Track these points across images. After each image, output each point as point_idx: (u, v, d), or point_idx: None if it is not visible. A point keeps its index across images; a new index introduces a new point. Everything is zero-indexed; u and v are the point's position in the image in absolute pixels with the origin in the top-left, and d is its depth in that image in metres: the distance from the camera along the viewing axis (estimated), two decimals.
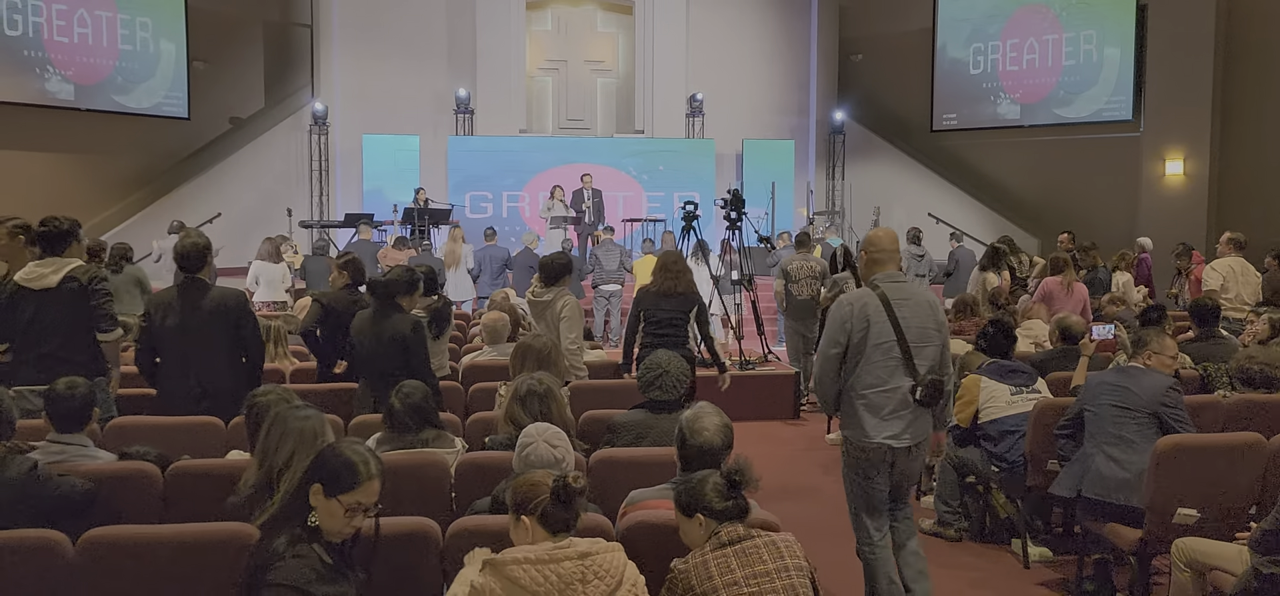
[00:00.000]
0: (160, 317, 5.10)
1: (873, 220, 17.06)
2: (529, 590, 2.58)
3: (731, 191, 10.65)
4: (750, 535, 2.90)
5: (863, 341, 4.12)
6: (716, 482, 2.97)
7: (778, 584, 2.82)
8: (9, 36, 13.71)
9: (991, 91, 17.69)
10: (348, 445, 2.76)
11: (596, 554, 2.67)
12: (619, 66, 18.55)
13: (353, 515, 2.67)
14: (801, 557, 2.94)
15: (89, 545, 3.07)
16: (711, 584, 2.79)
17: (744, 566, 2.82)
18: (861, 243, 4.49)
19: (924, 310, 4.20)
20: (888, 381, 4.11)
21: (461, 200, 16.19)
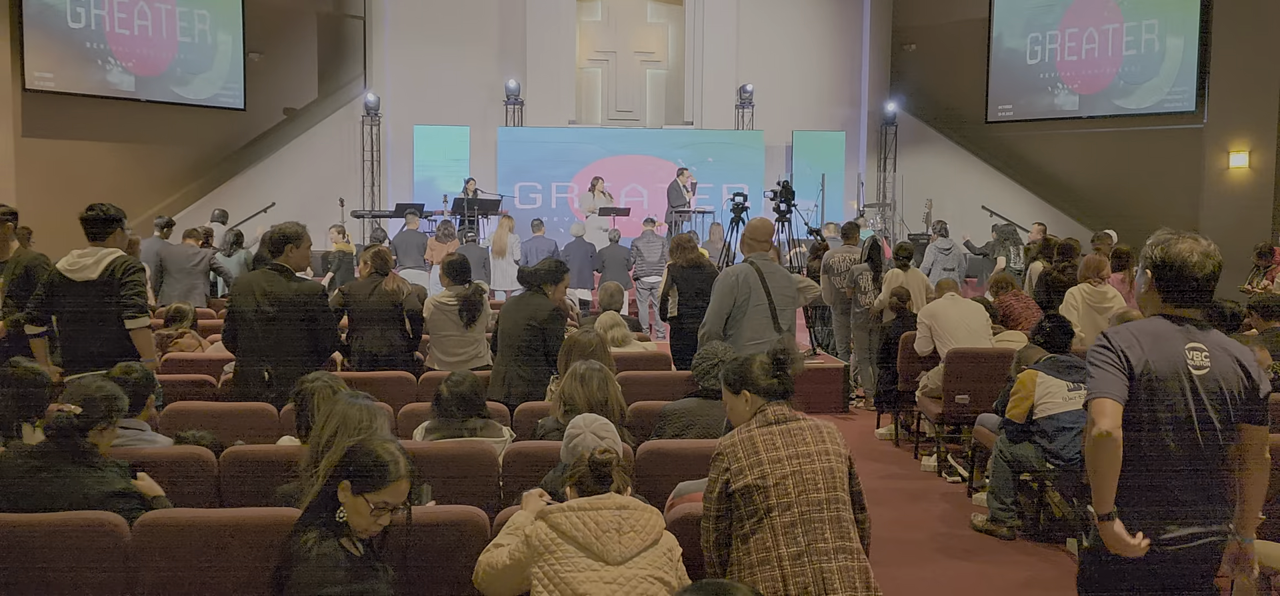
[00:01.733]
0: (242, 301, 5.18)
1: (925, 213, 16.82)
2: (570, 535, 2.82)
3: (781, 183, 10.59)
4: (795, 417, 3.10)
5: (745, 302, 5.53)
6: (763, 361, 3.20)
7: (817, 465, 3.01)
8: (72, 29, 14.04)
9: (1049, 82, 17.34)
10: (380, 442, 2.78)
11: (634, 509, 2.87)
12: (668, 57, 18.49)
13: (379, 514, 2.70)
14: (841, 444, 3.10)
15: (146, 527, 3.13)
16: (756, 457, 3.00)
17: (788, 445, 3.02)
18: (743, 230, 5.93)
19: (786, 282, 5.73)
20: (762, 334, 5.46)
21: (511, 191, 16.28)
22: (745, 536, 2.99)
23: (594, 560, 2.80)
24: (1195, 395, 2.85)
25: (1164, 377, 2.85)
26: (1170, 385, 2.85)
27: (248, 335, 5.16)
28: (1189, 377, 2.85)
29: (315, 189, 16.23)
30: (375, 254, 6.63)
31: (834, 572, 2.92)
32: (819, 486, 2.99)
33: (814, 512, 2.96)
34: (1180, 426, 2.85)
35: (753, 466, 2.99)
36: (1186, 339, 2.89)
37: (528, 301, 5.80)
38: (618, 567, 2.79)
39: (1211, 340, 2.94)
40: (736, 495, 3.00)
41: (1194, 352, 2.88)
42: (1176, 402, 2.84)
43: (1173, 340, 2.89)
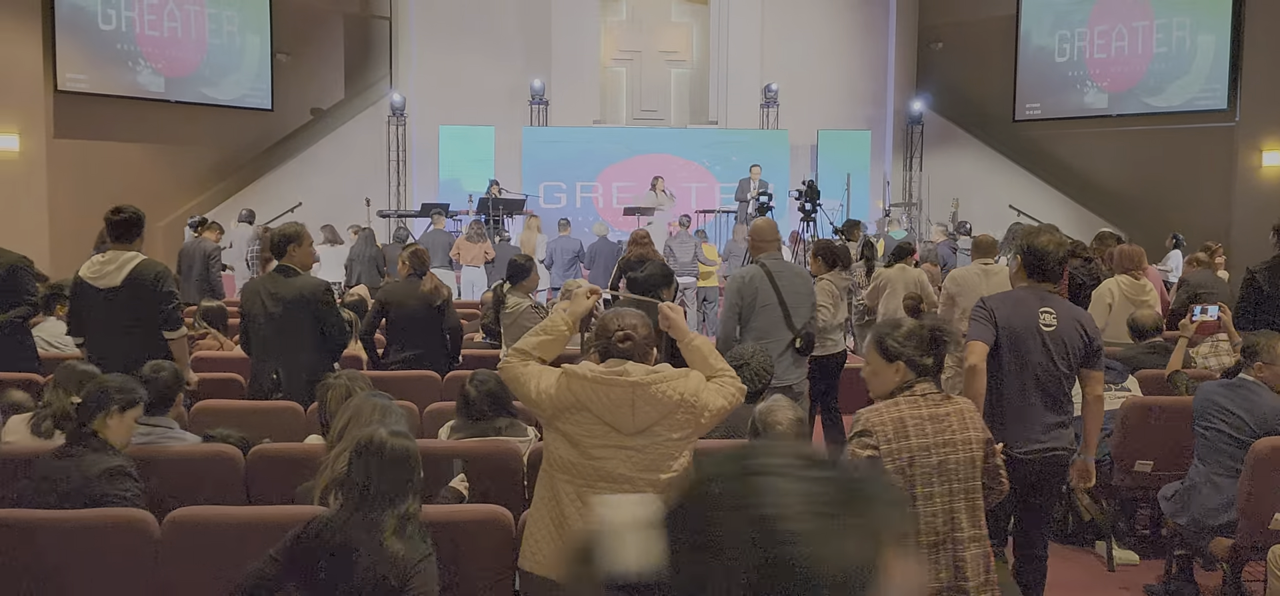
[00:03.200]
0: (249, 303, 5.22)
1: (951, 212, 16.70)
2: (585, 405, 2.91)
3: (806, 183, 10.55)
4: (945, 399, 3.05)
5: (753, 303, 5.40)
6: (922, 336, 3.06)
7: (961, 454, 3.00)
8: (103, 31, 14.21)
9: (1078, 80, 17.17)
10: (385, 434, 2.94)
11: (649, 385, 2.90)
12: (693, 57, 18.46)
13: None
14: (981, 429, 3.08)
15: (175, 524, 3.16)
16: (905, 441, 2.95)
17: (936, 432, 2.98)
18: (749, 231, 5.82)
19: (798, 280, 5.55)
20: (773, 333, 5.35)
21: (535, 190, 16.30)
22: None
23: (609, 428, 2.90)
24: (1044, 346, 3.85)
25: (1021, 332, 3.86)
26: (1026, 338, 3.86)
27: (257, 336, 5.21)
28: (1039, 333, 3.86)
29: (341, 189, 16.34)
30: (413, 253, 6.57)
31: (967, 561, 2.96)
32: (960, 475, 2.99)
33: (955, 502, 2.98)
34: (1033, 368, 3.84)
35: (900, 451, 2.94)
36: (1040, 304, 3.91)
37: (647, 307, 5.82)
38: (633, 436, 2.89)
39: (1060, 306, 3.95)
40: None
41: (1045, 314, 3.88)
42: (1031, 350, 3.85)
43: (1030, 304, 3.91)
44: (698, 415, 2.96)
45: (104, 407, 3.55)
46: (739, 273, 5.70)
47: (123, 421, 3.60)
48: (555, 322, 3.10)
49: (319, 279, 5.54)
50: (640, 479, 2.88)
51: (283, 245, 5.27)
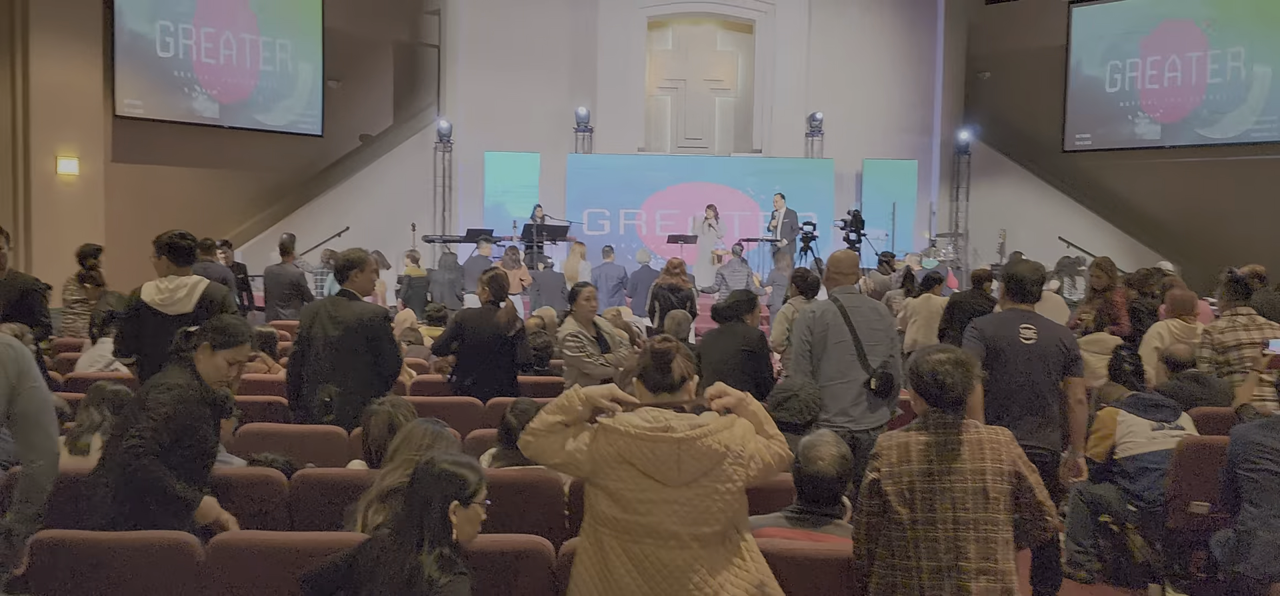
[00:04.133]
0: (309, 325, 5.28)
1: (999, 244, 16.49)
2: (629, 460, 2.82)
3: (852, 212, 10.47)
4: (957, 428, 3.09)
5: (824, 340, 5.12)
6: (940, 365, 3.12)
7: (969, 483, 3.02)
8: (161, 58, 14.56)
9: (1129, 110, 16.91)
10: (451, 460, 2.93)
11: (696, 439, 2.81)
12: (738, 85, 18.48)
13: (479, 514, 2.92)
14: (1006, 461, 3.06)
15: (219, 548, 3.18)
16: (907, 465, 3.06)
17: (941, 458, 3.04)
18: (825, 262, 5.71)
19: (875, 316, 5.22)
20: (846, 373, 5.08)
21: (579, 217, 16.37)
22: (890, 538, 3.08)
23: (654, 482, 2.82)
24: (1027, 358, 4.54)
25: (1005, 347, 4.57)
26: (1010, 352, 4.55)
27: (314, 358, 5.24)
28: (1022, 347, 4.55)
29: (388, 214, 16.53)
30: (491, 279, 6.48)
31: (972, 592, 2.96)
32: (968, 505, 3.01)
33: (961, 530, 3.00)
34: (1019, 377, 4.54)
35: (902, 474, 3.06)
36: (1021, 321, 4.64)
37: (734, 331, 5.96)
38: (680, 488, 2.81)
39: (1041, 323, 4.67)
40: (887, 494, 3.08)
41: (1025, 330, 4.59)
42: (1014, 361, 4.54)
43: (1012, 323, 4.64)
44: (746, 465, 2.86)
45: None
46: (810, 307, 5.52)
47: None
48: (571, 403, 2.94)
49: (378, 306, 5.60)
50: (687, 533, 2.81)
51: (346, 270, 5.35)
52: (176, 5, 14.68)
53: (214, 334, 3.58)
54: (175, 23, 14.66)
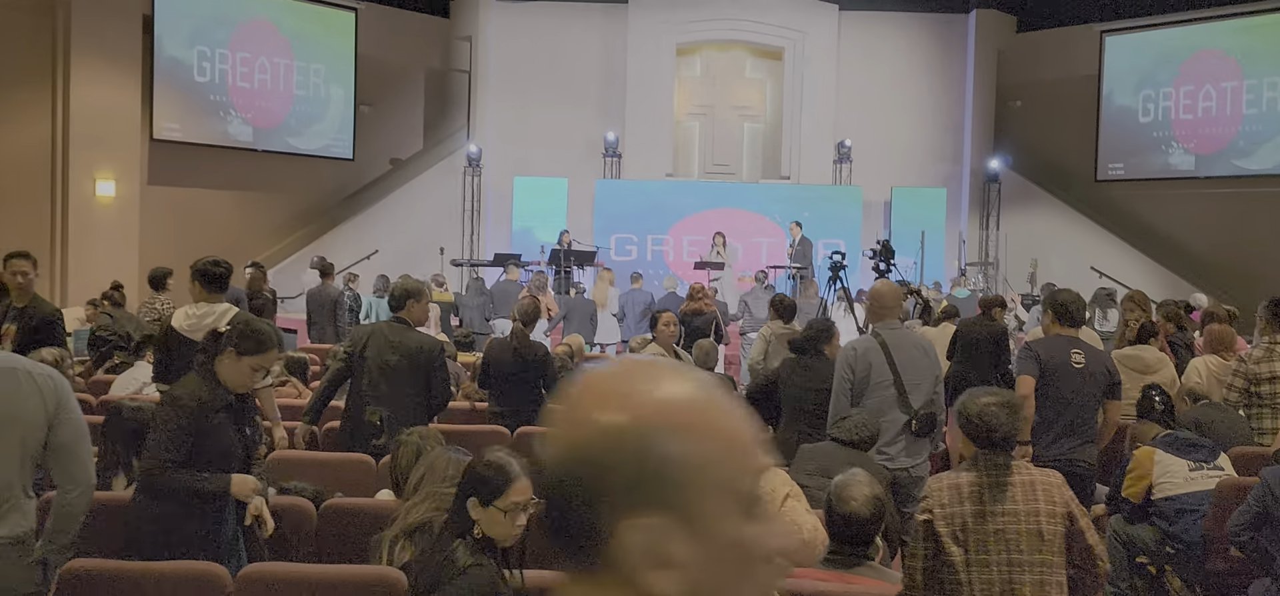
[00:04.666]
0: (360, 351, 5.30)
1: (1030, 273, 16.34)
2: None
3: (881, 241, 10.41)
4: (1010, 470, 3.11)
5: (866, 379, 5.00)
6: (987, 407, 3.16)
7: (1023, 525, 3.03)
8: (198, 83, 14.78)
9: (1163, 141, 16.74)
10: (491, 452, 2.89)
11: None
12: (766, 112, 18.48)
13: (515, 516, 2.80)
14: (1059, 503, 3.09)
15: (247, 580, 3.18)
16: (959, 507, 3.09)
17: (994, 499, 3.07)
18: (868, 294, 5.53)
19: (918, 353, 5.11)
20: (887, 412, 4.96)
21: (607, 242, 16.39)
22: (943, 579, 3.13)
23: None
24: (1077, 380, 4.94)
25: (1057, 369, 4.96)
26: (1062, 372, 4.95)
27: (367, 382, 5.26)
28: (1072, 368, 4.95)
29: (417, 237, 16.63)
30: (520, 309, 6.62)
31: None
32: (1021, 547, 3.03)
33: (1015, 572, 3.03)
34: (1067, 395, 4.94)
35: (954, 515, 3.09)
36: (1071, 346, 5.05)
37: (813, 368, 5.79)
38: None
39: (1088, 348, 5.15)
40: (939, 535, 3.11)
41: (1075, 354, 5.01)
42: (1064, 382, 4.94)
43: (1064, 347, 5.06)
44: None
45: None
46: (851, 343, 5.35)
47: None
48: None
49: (436, 338, 5.65)
50: None
51: (403, 299, 5.44)
52: (214, 31, 14.91)
53: (240, 339, 3.58)
54: (212, 48, 14.90)
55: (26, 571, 2.88)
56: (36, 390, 2.89)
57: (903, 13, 18.07)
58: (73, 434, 2.98)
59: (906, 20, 18.09)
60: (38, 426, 2.89)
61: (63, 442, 2.95)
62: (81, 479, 2.99)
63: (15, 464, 2.84)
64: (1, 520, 2.81)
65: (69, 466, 2.97)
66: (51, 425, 2.92)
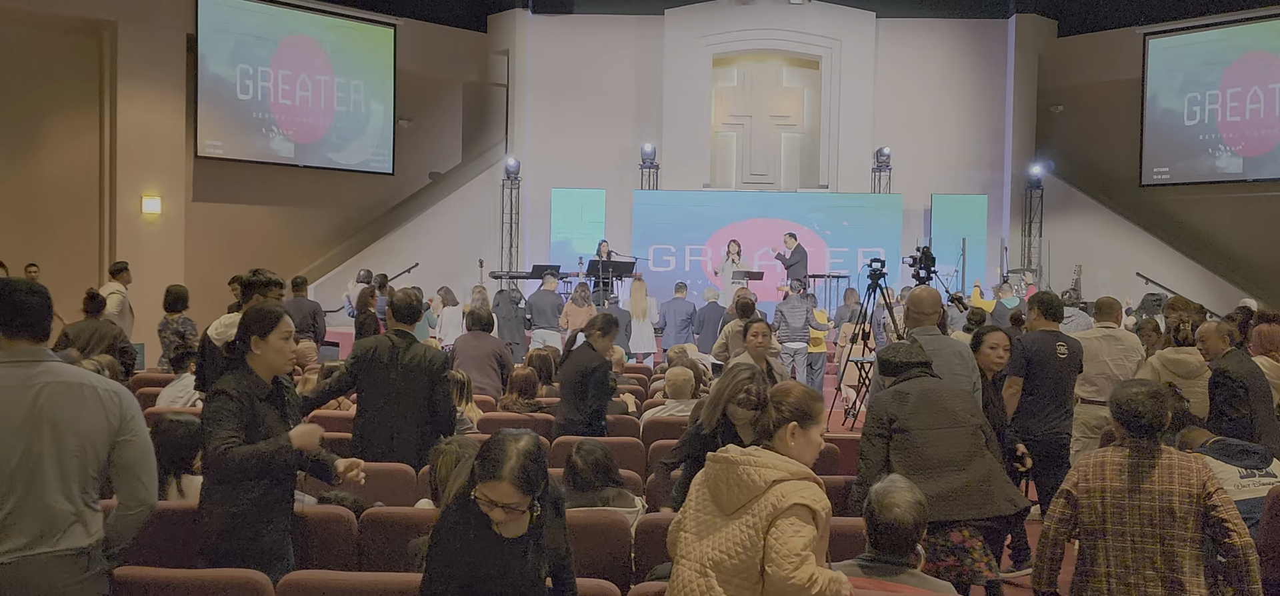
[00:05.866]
0: (367, 363, 5.34)
1: (1074, 280, 16.10)
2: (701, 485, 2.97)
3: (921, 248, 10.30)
4: (1152, 452, 3.46)
5: None
6: (1139, 396, 3.48)
7: (1157, 503, 3.39)
8: (241, 100, 15.02)
9: (1209, 144, 16.44)
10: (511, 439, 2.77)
11: (743, 465, 2.84)
12: (804, 121, 18.41)
13: (489, 506, 2.72)
14: (1196, 484, 3.39)
15: (289, 587, 3.21)
16: (1101, 482, 3.49)
17: (1134, 478, 3.43)
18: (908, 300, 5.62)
19: (954, 359, 5.15)
20: None
21: (645, 253, 16.40)
22: (1081, 547, 3.56)
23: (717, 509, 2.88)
24: (1058, 369, 5.85)
25: (1045, 360, 5.86)
26: (1047, 362, 5.85)
27: (375, 396, 5.29)
28: (1056, 358, 5.86)
29: (457, 250, 16.75)
30: (606, 318, 6.52)
31: None
32: (1154, 521, 3.40)
33: (1146, 544, 3.40)
34: (1052, 382, 5.85)
35: (1093, 490, 3.49)
36: (1055, 339, 5.92)
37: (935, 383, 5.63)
38: (727, 518, 2.83)
39: (1070, 340, 6.01)
40: (1080, 505, 3.52)
41: (1059, 346, 5.88)
42: (1050, 370, 5.85)
43: (1049, 341, 5.92)
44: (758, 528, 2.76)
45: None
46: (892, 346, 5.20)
47: None
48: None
49: (439, 350, 5.64)
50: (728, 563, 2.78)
51: (412, 314, 5.46)
52: (256, 49, 15.16)
53: (255, 324, 3.63)
54: (254, 66, 15.14)
55: (92, 583, 2.90)
56: (100, 405, 2.92)
57: (940, 19, 17.93)
58: (137, 454, 2.99)
59: (944, 27, 17.95)
60: (101, 442, 2.92)
61: (127, 462, 2.96)
62: (144, 498, 3.00)
63: (78, 478, 2.87)
64: (66, 533, 2.84)
65: (131, 485, 2.98)
66: (115, 443, 2.95)
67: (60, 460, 2.84)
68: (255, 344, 3.60)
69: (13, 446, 2.80)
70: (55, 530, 2.83)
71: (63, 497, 2.84)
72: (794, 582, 2.68)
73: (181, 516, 3.70)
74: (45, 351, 2.95)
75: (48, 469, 2.82)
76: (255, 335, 3.60)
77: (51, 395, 2.86)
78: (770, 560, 2.72)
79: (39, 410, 2.83)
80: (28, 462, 2.80)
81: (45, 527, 2.81)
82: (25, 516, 2.79)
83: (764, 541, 2.75)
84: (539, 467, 2.77)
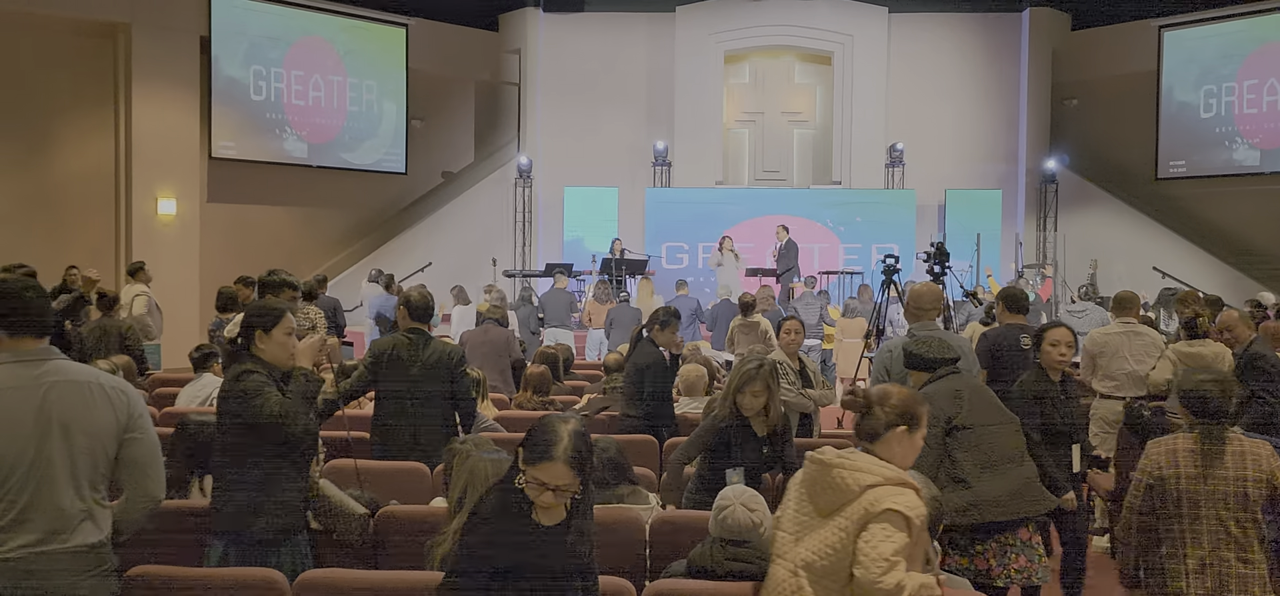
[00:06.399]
0: (385, 363, 5.34)
1: (1090, 275, 16.01)
2: (797, 483, 3.02)
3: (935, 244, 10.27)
4: (1224, 439, 3.58)
5: (903, 380, 4.78)
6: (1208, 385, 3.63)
7: (1231, 488, 3.53)
8: (254, 101, 15.09)
9: (1226, 136, 16.31)
10: (561, 421, 2.70)
11: (837, 468, 2.85)
12: (816, 117, 18.36)
13: (538, 491, 2.61)
14: (1266, 470, 3.53)
15: (305, 586, 3.21)
16: (1175, 469, 3.61)
17: (1207, 463, 3.57)
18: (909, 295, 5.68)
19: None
20: None
21: (658, 251, 16.40)
22: (1158, 531, 3.68)
23: (814, 510, 2.92)
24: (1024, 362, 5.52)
25: (1008, 351, 5.85)
26: (1012, 354, 5.80)
27: (395, 394, 5.30)
28: (1020, 350, 5.74)
29: (470, 249, 16.79)
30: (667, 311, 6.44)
31: (1232, 578, 3.53)
32: (1229, 504, 3.54)
33: (1221, 527, 3.55)
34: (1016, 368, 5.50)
35: (1170, 476, 3.62)
36: (1020, 332, 5.88)
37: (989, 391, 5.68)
38: (823, 519, 2.86)
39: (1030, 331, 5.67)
40: (1155, 491, 3.66)
41: (1022, 338, 5.80)
42: (1015, 362, 5.68)
43: (1014, 333, 5.91)
44: (861, 523, 2.77)
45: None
46: (887, 344, 5.43)
47: None
48: None
49: (457, 346, 5.64)
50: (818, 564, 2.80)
51: (427, 314, 5.49)
52: (268, 50, 15.22)
53: (258, 319, 3.65)
54: (267, 67, 15.20)
55: (102, 579, 2.91)
56: (108, 402, 2.93)
57: (953, 13, 17.86)
58: (144, 451, 3.01)
59: (957, 21, 17.87)
60: (110, 440, 2.93)
61: (134, 458, 2.98)
62: (152, 493, 3.02)
63: (88, 476, 2.89)
64: (76, 530, 2.85)
65: (140, 481, 3.00)
66: (123, 440, 2.96)
67: (71, 459, 2.86)
68: (259, 338, 3.62)
69: (24, 447, 2.81)
70: (66, 527, 2.84)
71: (73, 496, 2.86)
72: (881, 587, 2.67)
73: (198, 515, 3.72)
74: (50, 349, 2.95)
75: (59, 469, 2.84)
76: (259, 330, 3.62)
77: (60, 394, 2.87)
78: (859, 564, 2.72)
79: (48, 410, 2.85)
80: (40, 463, 2.81)
81: (56, 525, 2.83)
82: (36, 514, 2.81)
83: (854, 545, 2.76)
84: (589, 448, 2.71)
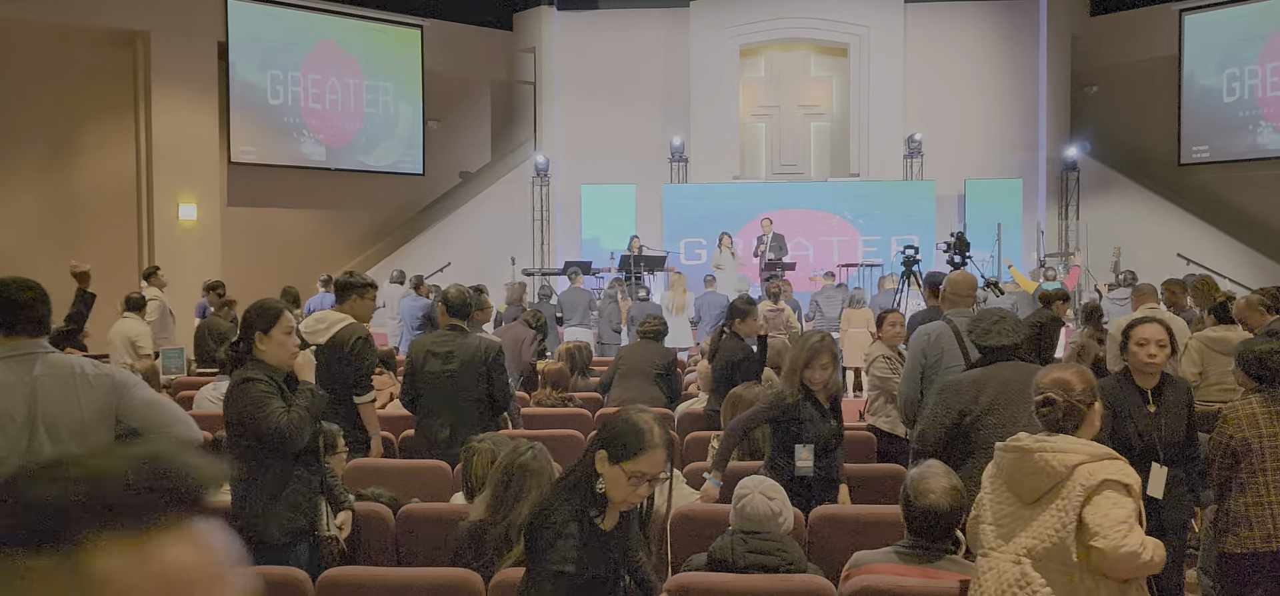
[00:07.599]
0: (422, 360, 5.37)
1: (1113, 262, 15.86)
2: (994, 475, 3.02)
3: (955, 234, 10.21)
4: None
5: (938, 364, 5.01)
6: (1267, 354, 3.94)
7: None
8: (272, 105, 15.18)
9: (1250, 120, 16.11)
10: (636, 410, 2.68)
11: (1038, 452, 2.84)
12: (833, 109, 18.27)
13: (637, 483, 2.56)
14: None
15: (329, 584, 3.23)
16: (1255, 429, 3.90)
17: (1275, 423, 3.88)
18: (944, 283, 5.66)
19: None
20: None
21: (676, 247, 16.37)
22: (1243, 484, 3.94)
23: (1015, 499, 2.91)
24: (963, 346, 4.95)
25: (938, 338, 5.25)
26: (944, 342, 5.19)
27: (430, 392, 5.33)
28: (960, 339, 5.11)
29: (488, 248, 16.82)
30: (747, 299, 6.71)
31: None
32: None
33: None
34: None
35: (1253, 437, 3.90)
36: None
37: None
38: (1027, 506, 2.87)
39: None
40: (1237, 450, 3.92)
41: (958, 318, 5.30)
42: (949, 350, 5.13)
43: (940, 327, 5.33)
44: (1082, 498, 2.76)
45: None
46: (924, 328, 5.24)
47: None
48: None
49: (492, 340, 5.67)
50: (1040, 548, 2.81)
51: (465, 310, 5.52)
52: (285, 55, 15.31)
53: (258, 319, 3.67)
54: (284, 72, 15.29)
55: None
56: (90, 388, 2.91)
57: (970, 2, 17.73)
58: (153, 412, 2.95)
59: (974, 9, 17.75)
60: (101, 425, 2.91)
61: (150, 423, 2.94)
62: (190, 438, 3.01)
63: None
64: None
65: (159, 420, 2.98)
66: (119, 416, 2.95)
67: None
68: (259, 340, 3.63)
69: (15, 442, 2.83)
70: None
71: None
72: (1126, 549, 2.69)
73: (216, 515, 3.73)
74: (41, 344, 2.96)
75: None
76: (258, 331, 3.64)
77: (45, 390, 2.88)
78: (1097, 535, 2.72)
79: (35, 407, 2.86)
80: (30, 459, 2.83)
81: None
82: None
83: (1079, 520, 2.76)
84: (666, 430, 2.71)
